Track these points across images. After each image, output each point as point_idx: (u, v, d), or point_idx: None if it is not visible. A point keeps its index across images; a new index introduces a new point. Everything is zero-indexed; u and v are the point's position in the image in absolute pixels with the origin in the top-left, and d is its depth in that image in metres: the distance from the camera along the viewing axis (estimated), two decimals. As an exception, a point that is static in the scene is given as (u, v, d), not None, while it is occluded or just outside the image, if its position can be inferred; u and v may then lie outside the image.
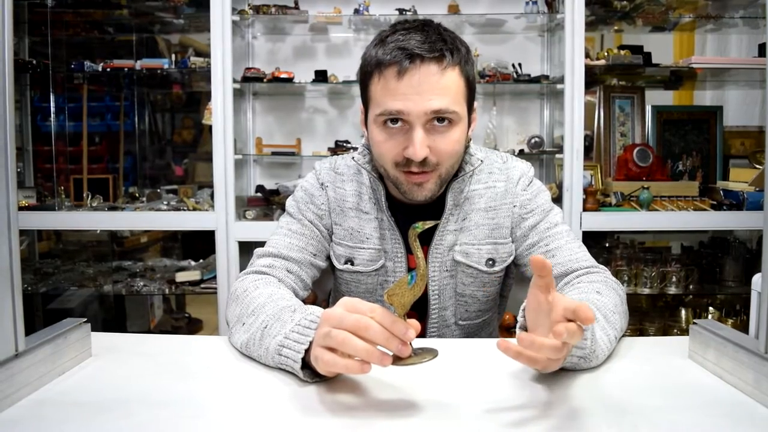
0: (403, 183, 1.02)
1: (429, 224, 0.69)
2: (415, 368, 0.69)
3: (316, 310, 0.82)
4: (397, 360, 0.68)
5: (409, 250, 1.13)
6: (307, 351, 0.76)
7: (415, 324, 0.68)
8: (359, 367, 0.67)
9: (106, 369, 0.84)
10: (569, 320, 0.66)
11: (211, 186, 2.20)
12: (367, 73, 1.01)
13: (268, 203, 2.30)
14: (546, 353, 0.66)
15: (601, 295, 0.92)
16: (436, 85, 0.95)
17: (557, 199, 2.12)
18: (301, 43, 2.46)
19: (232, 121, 2.12)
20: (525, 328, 0.76)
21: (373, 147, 1.04)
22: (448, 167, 1.02)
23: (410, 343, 0.68)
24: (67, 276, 2.44)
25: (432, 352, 0.69)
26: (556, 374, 0.79)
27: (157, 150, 2.91)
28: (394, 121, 0.98)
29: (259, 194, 2.35)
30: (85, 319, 0.87)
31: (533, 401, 0.72)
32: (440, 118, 0.97)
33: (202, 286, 2.33)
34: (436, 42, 0.95)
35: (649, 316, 2.32)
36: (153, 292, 2.37)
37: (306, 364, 0.76)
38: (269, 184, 2.41)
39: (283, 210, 1.21)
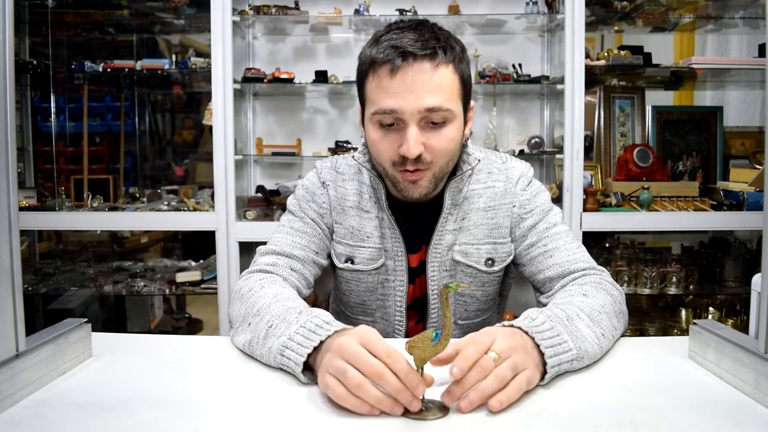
0: (399, 181, 1.03)
1: (463, 286, 0.68)
2: (414, 367, 0.69)
3: (322, 313, 0.82)
4: (406, 412, 0.68)
5: (408, 250, 1.13)
6: (310, 355, 0.76)
7: (429, 379, 0.69)
8: (369, 410, 0.67)
9: (106, 369, 0.84)
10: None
11: (211, 186, 2.20)
12: (362, 72, 1.02)
13: (268, 203, 2.30)
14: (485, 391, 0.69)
15: (588, 297, 0.93)
16: (428, 83, 0.95)
17: (557, 200, 2.13)
18: (301, 43, 2.46)
19: (233, 122, 2.13)
20: None
21: (369, 146, 1.05)
22: (443, 165, 1.02)
23: (423, 396, 0.69)
24: (68, 276, 2.44)
25: (443, 410, 0.69)
26: (557, 376, 0.79)
27: (158, 150, 2.92)
28: (390, 123, 0.98)
29: (259, 194, 2.35)
30: (86, 320, 0.87)
31: (533, 401, 0.72)
32: (434, 118, 0.97)
33: (203, 286, 2.33)
34: (429, 40, 0.96)
35: (649, 316, 2.32)
36: (153, 292, 2.38)
37: (307, 366, 0.76)
38: (269, 185, 2.41)
39: (284, 210, 1.21)
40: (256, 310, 0.90)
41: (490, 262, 1.12)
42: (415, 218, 1.12)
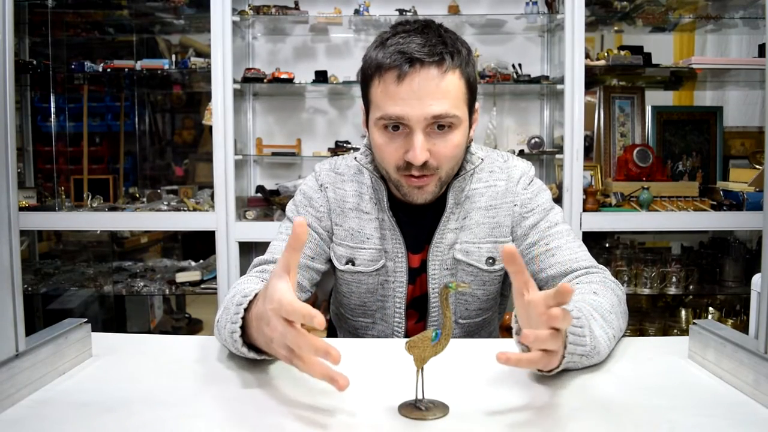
0: (404, 186, 1.03)
1: (463, 286, 0.68)
2: (414, 367, 0.69)
3: (248, 295, 0.81)
4: (407, 413, 0.68)
5: (410, 250, 1.13)
6: (246, 333, 0.80)
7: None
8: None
9: (106, 369, 0.84)
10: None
11: (211, 186, 2.20)
12: (367, 75, 1.01)
13: (268, 203, 2.30)
14: (539, 345, 0.67)
15: (598, 295, 0.93)
16: (436, 90, 0.95)
17: (557, 200, 2.12)
18: (301, 43, 2.46)
19: (233, 122, 2.13)
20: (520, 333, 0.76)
21: (374, 150, 1.05)
22: (449, 170, 1.03)
23: (423, 396, 0.69)
24: (68, 276, 2.44)
25: (443, 410, 0.69)
26: (556, 373, 0.79)
27: (158, 150, 2.92)
28: (395, 125, 0.98)
29: (259, 195, 2.35)
30: (86, 320, 0.87)
31: (533, 401, 0.72)
32: (441, 122, 0.97)
33: (203, 286, 2.33)
34: (436, 45, 0.95)
35: (649, 317, 2.32)
36: (153, 292, 2.38)
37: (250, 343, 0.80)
38: (269, 185, 2.41)
39: (284, 210, 1.21)
40: (222, 309, 0.91)
41: (491, 260, 1.12)
42: (418, 219, 1.12)
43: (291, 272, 0.69)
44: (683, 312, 2.32)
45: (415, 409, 0.68)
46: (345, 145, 2.33)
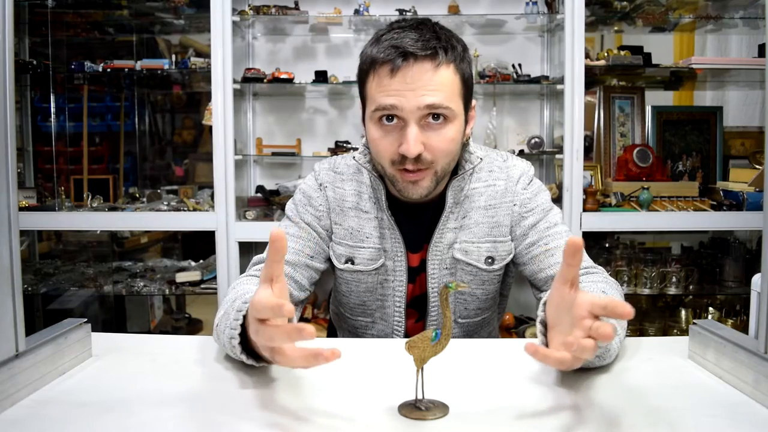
0: (399, 181, 1.03)
1: (462, 286, 0.68)
2: (414, 367, 0.69)
3: (239, 302, 0.81)
4: (407, 413, 0.68)
5: (410, 249, 1.13)
6: (245, 339, 0.78)
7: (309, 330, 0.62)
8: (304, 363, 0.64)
9: (106, 369, 0.84)
10: (596, 317, 0.64)
11: (211, 186, 2.20)
12: (363, 71, 1.02)
13: (268, 203, 2.30)
14: (579, 354, 0.62)
15: (607, 294, 0.92)
16: (429, 82, 0.95)
17: (557, 200, 2.12)
18: (301, 43, 2.46)
19: (233, 122, 2.12)
20: (544, 323, 0.74)
21: (370, 145, 1.05)
22: (444, 165, 1.02)
23: (423, 396, 0.69)
24: (68, 276, 2.44)
25: (443, 410, 0.69)
26: (555, 374, 0.79)
27: (158, 150, 2.92)
28: (389, 118, 0.98)
29: (259, 194, 2.35)
30: (86, 320, 0.87)
31: (532, 401, 0.72)
32: (435, 115, 0.97)
33: (203, 286, 2.33)
34: (429, 40, 0.96)
35: (649, 317, 2.32)
36: (153, 292, 2.38)
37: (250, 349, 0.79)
38: (269, 185, 2.41)
39: (283, 210, 1.21)
40: (223, 313, 0.90)
41: (490, 260, 1.12)
42: (417, 218, 1.12)
43: (274, 282, 0.69)
44: (683, 312, 2.32)
45: (415, 409, 0.69)
46: (345, 145, 2.33)
